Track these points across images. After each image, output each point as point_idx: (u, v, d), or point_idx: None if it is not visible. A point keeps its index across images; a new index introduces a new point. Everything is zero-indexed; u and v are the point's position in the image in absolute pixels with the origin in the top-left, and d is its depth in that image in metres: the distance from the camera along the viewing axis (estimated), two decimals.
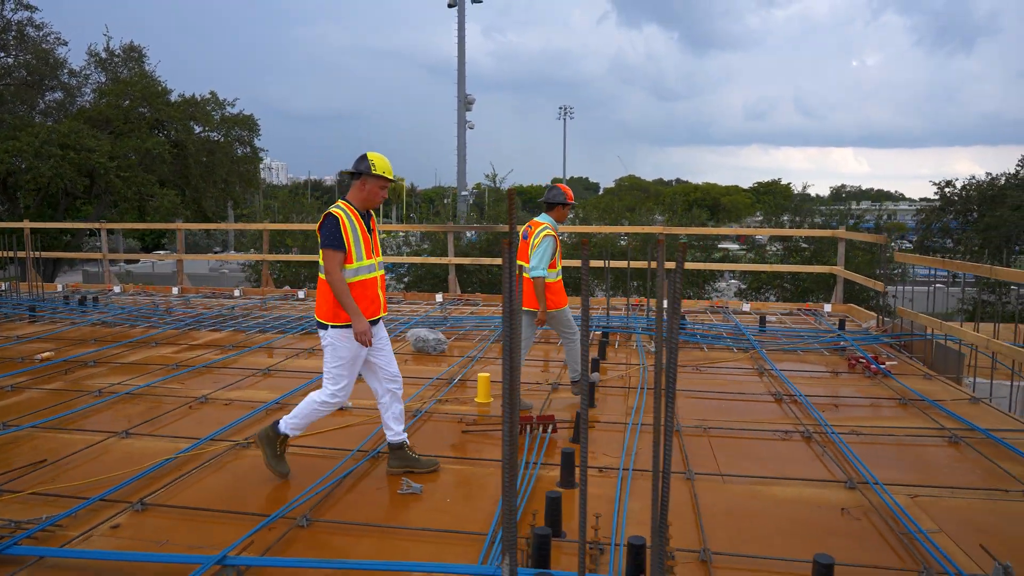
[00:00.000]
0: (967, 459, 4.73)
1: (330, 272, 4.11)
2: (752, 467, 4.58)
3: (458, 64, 39.40)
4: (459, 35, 39.33)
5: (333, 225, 4.12)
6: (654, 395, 2.44)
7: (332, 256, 4.10)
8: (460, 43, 39.27)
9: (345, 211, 4.19)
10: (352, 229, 4.16)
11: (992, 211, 22.29)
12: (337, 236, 4.10)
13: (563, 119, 78.46)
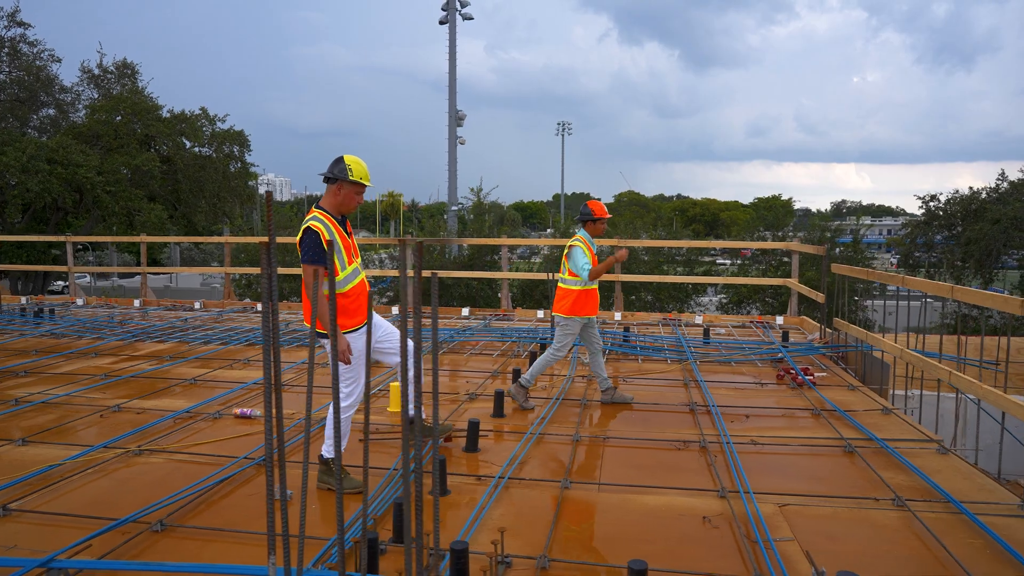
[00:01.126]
0: (853, 468, 4.70)
1: (308, 287, 4.06)
2: (635, 476, 4.57)
3: (449, 80, 39.68)
4: (450, 51, 39.65)
5: (313, 239, 4.08)
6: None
7: (307, 271, 4.10)
8: (451, 59, 39.58)
9: (323, 222, 4.14)
10: (332, 238, 4.13)
11: (973, 225, 22.26)
12: (317, 250, 4.07)
13: (561, 135, 78.90)
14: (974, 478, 4.48)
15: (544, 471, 4.66)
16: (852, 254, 23.22)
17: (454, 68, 39.81)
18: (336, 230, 4.19)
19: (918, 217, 26.72)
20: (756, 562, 3.39)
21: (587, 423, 5.80)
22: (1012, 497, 4.14)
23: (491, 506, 4.08)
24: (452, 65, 39.77)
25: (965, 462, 4.79)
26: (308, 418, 2.64)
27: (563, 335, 6.19)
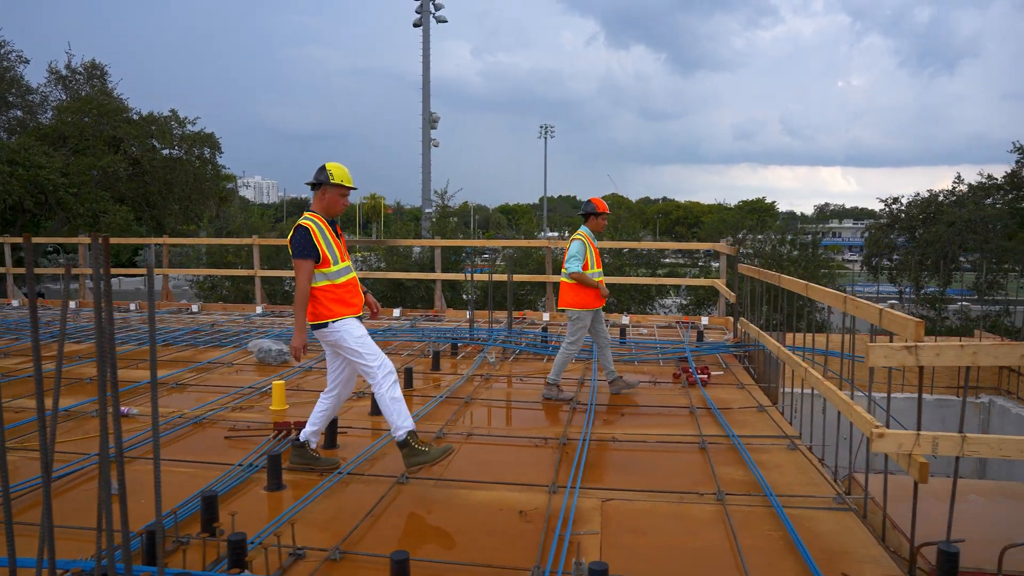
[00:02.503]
0: (696, 465, 4.76)
1: (298, 282, 4.26)
2: (477, 472, 4.61)
3: (423, 82, 39.73)
4: (424, 54, 39.71)
5: (304, 236, 4.28)
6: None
7: (302, 266, 4.26)
8: (425, 61, 39.64)
9: (315, 220, 4.36)
10: (323, 236, 4.33)
11: (931, 228, 22.45)
12: (308, 245, 4.26)
13: (544, 138, 79.08)
14: (808, 473, 4.54)
15: (389, 467, 4.69)
16: (809, 255, 23.41)
17: (428, 70, 39.87)
18: (327, 230, 4.39)
19: (882, 220, 26.91)
20: (543, 553, 3.43)
21: (461, 421, 5.84)
22: (831, 491, 4.20)
23: (315, 500, 4.12)
24: (426, 67, 39.84)
25: (807, 457, 4.85)
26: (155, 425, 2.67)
27: (575, 328, 6.48)
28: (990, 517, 4.14)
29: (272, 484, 4.31)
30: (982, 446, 3.14)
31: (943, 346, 3.13)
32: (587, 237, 6.48)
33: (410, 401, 6.50)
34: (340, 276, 4.38)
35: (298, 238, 4.27)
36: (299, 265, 4.25)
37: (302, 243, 4.26)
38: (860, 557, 3.42)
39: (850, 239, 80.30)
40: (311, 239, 4.26)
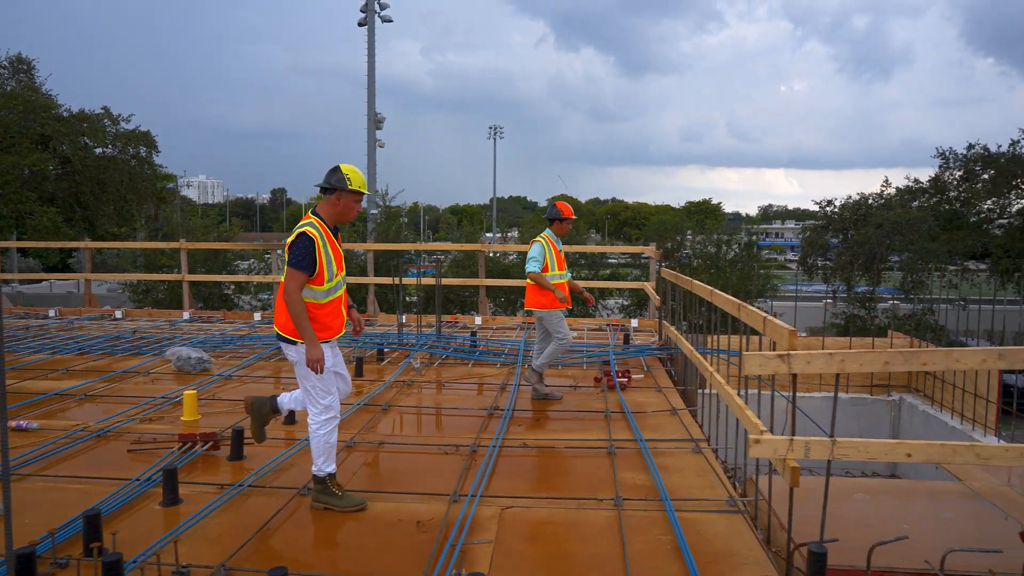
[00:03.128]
0: (601, 469, 4.83)
1: (290, 292, 3.98)
2: (382, 482, 4.60)
3: (368, 83, 39.30)
4: (369, 54, 39.29)
5: (307, 246, 3.99)
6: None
7: (297, 276, 3.98)
8: (370, 61, 39.23)
9: (319, 231, 4.06)
10: (325, 250, 4.06)
11: (861, 230, 23.22)
12: (309, 258, 3.98)
13: (493, 139, 79.19)
14: (707, 476, 4.65)
15: (294, 479, 4.64)
16: (746, 257, 23.99)
17: (373, 70, 39.48)
18: (329, 240, 4.14)
19: (816, 221, 27.72)
20: (431, 565, 3.44)
21: (375, 428, 5.80)
22: (726, 494, 4.31)
23: (211, 515, 4.04)
24: (371, 67, 39.44)
25: (709, 461, 4.96)
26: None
27: (556, 325, 6.56)
28: (872, 515, 4.30)
29: (168, 499, 4.21)
30: (851, 449, 3.26)
31: (813, 354, 3.24)
32: (549, 240, 6.62)
33: None
34: (328, 295, 4.14)
35: (301, 248, 3.98)
36: (292, 275, 3.97)
37: (303, 254, 3.97)
38: (742, 559, 3.52)
39: (792, 239, 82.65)
40: (313, 252, 3.99)
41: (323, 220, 4.15)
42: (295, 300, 3.99)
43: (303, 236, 4.01)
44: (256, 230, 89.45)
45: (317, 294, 4.10)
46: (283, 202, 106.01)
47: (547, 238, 6.66)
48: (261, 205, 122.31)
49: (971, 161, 24.45)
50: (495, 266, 22.08)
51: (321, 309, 4.13)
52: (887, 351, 3.20)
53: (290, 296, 3.99)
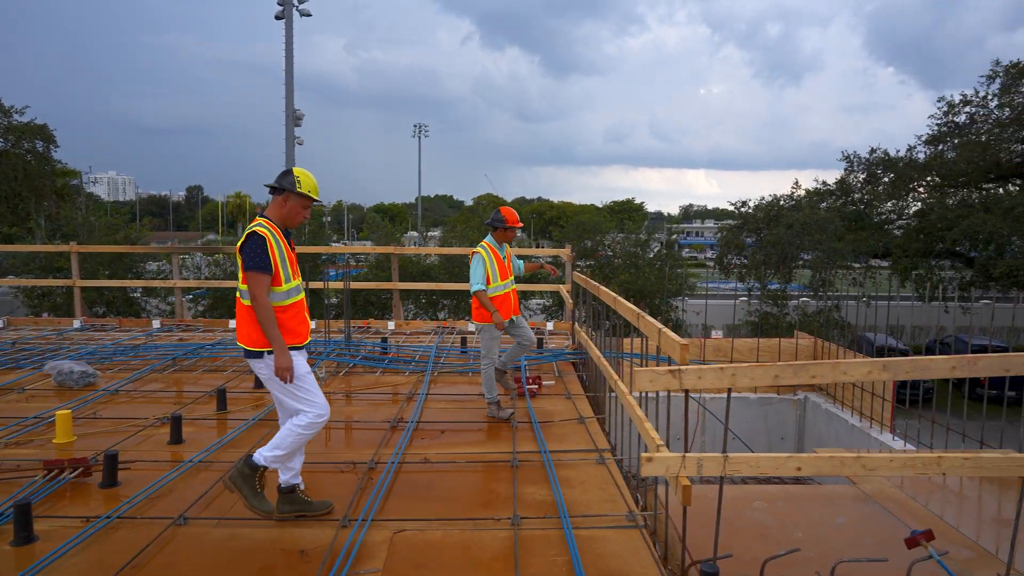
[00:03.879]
0: (502, 484, 4.67)
1: (256, 297, 3.76)
2: None
3: (286, 79, 38.14)
4: (287, 48, 38.14)
5: (259, 245, 3.80)
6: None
7: (259, 280, 3.76)
8: (288, 56, 38.09)
9: (270, 230, 3.88)
10: (279, 249, 3.88)
11: (773, 230, 23.99)
12: (264, 257, 3.79)
13: (418, 137, 78.50)
14: (609, 489, 4.57)
15: (169, 506, 4.30)
16: (664, 256, 24.46)
17: (291, 65, 38.35)
18: (282, 240, 3.95)
19: (732, 222, 28.52)
20: None
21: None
22: (625, 508, 4.23)
23: (71, 553, 3.68)
24: (289, 62, 38.30)
25: (611, 473, 4.88)
26: None
27: (485, 341, 6.17)
28: (769, 524, 4.31)
29: (20, 538, 3.81)
30: (742, 465, 3.21)
31: (704, 370, 3.17)
32: (490, 248, 6.23)
33: (222, 424, 6.10)
34: (288, 297, 3.93)
35: (252, 247, 3.80)
36: (254, 278, 3.77)
37: (257, 253, 3.79)
38: None
39: (711, 238, 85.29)
40: (266, 250, 3.82)
41: (274, 223, 3.99)
42: (263, 304, 3.78)
43: (253, 235, 3.84)
44: (170, 229, 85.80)
45: (277, 296, 3.89)
46: (199, 200, 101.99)
47: (488, 247, 6.23)
48: (176, 203, 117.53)
49: (873, 165, 25.64)
50: (415, 267, 21.73)
51: (285, 312, 3.93)
52: (777, 365, 3.16)
53: (257, 301, 3.77)
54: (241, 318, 3.94)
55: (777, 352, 9.19)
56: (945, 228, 21.71)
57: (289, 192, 3.98)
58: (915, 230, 24.10)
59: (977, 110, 24.87)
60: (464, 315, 22.11)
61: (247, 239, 3.85)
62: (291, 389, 3.94)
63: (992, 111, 24.44)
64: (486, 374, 6.22)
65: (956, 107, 25.07)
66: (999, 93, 24.11)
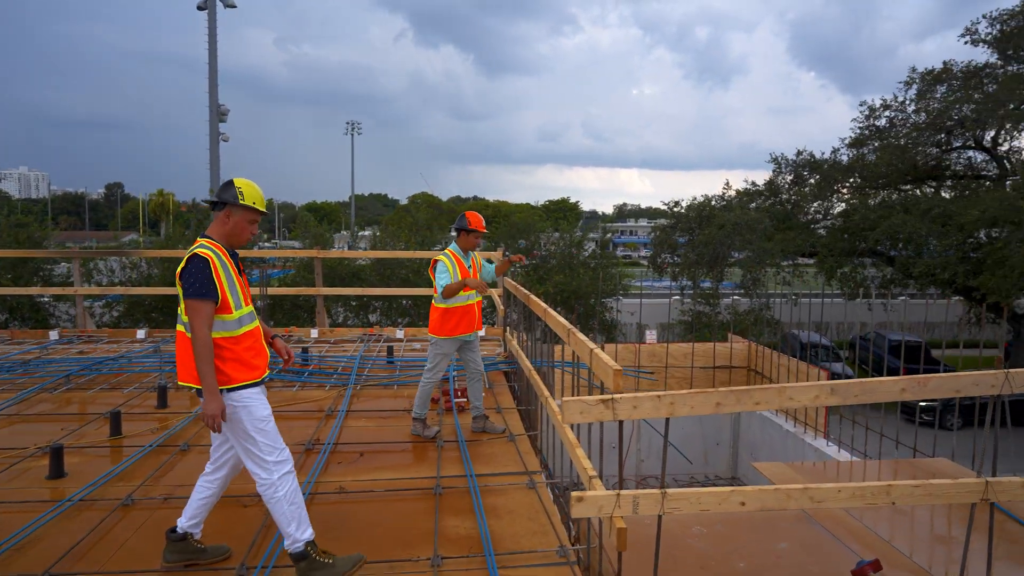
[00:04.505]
0: (423, 517, 4.27)
1: (197, 329, 3.25)
2: (151, 552, 3.78)
3: (209, 72, 36.67)
4: (210, 40, 36.65)
5: (201, 269, 3.30)
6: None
7: (200, 308, 3.26)
8: (211, 48, 36.61)
9: (214, 251, 3.40)
10: (225, 271, 3.39)
11: (705, 230, 24.25)
12: (208, 283, 3.30)
13: (351, 134, 77.10)
14: (539, 519, 4.22)
15: (37, 559, 3.72)
16: (599, 256, 24.43)
17: (215, 59, 36.87)
18: (229, 264, 3.46)
19: (665, 221, 28.76)
20: None
21: (165, 477, 4.92)
22: (556, 541, 3.89)
23: None
24: (212, 55, 36.81)
25: (542, 499, 4.54)
26: None
27: (432, 355, 5.75)
28: (710, 552, 4.04)
29: None
30: (682, 502, 2.90)
31: (640, 397, 2.85)
32: (454, 256, 5.78)
33: (116, 452, 5.49)
34: (241, 326, 3.44)
35: (193, 271, 3.30)
36: (195, 308, 3.26)
37: (199, 279, 3.29)
38: None
39: (645, 237, 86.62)
40: (210, 274, 3.32)
41: (218, 242, 3.50)
42: (202, 338, 3.26)
43: (195, 258, 3.35)
44: (86, 228, 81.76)
45: (228, 324, 3.39)
46: (119, 198, 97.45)
47: (452, 255, 5.80)
48: (94, 201, 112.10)
49: (799, 166, 26.23)
50: (345, 269, 21.00)
51: (239, 344, 3.44)
52: (719, 392, 2.86)
53: (195, 333, 3.27)
54: (187, 353, 3.39)
55: (712, 356, 9.06)
56: (867, 228, 22.31)
57: (231, 206, 3.50)
58: (839, 230, 24.74)
59: (896, 114, 25.72)
60: (397, 317, 21.52)
61: (188, 263, 3.35)
62: (253, 433, 3.42)
63: (910, 116, 25.32)
64: (424, 389, 5.76)
65: (876, 111, 25.87)
66: (916, 98, 25.01)
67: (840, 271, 24.53)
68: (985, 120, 22.49)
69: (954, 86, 23.90)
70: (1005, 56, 23.16)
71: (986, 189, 23.46)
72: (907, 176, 24.71)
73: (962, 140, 24.89)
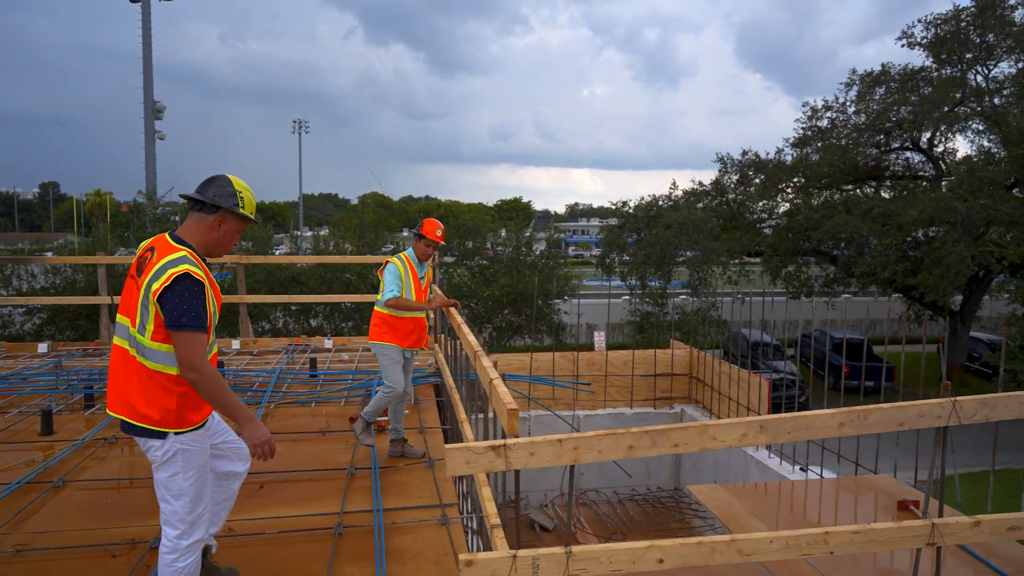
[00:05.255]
0: (317, 564, 3.78)
1: (198, 367, 2.72)
2: None
3: (144, 67, 35.24)
4: (143, 32, 35.23)
5: (196, 294, 2.73)
6: None
7: (195, 341, 2.72)
8: (145, 42, 35.19)
9: (200, 269, 2.80)
10: (212, 296, 2.86)
11: (652, 230, 24.14)
12: (204, 311, 2.75)
13: (298, 133, 75.60)
14: (446, 563, 3.77)
15: None
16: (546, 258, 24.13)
17: (149, 53, 35.43)
18: (212, 283, 2.90)
19: (612, 222, 28.62)
20: None
21: (30, 520, 4.31)
22: None
23: None
24: (147, 49, 35.37)
25: (452, 539, 4.08)
26: None
27: (384, 366, 5.18)
28: None
29: None
30: (591, 562, 2.48)
31: (538, 443, 2.42)
32: (408, 263, 5.24)
33: None
34: (209, 351, 2.95)
35: (187, 297, 2.71)
36: (191, 340, 2.71)
37: (194, 306, 2.72)
38: None
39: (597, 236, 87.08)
40: (204, 300, 2.77)
41: (197, 252, 2.91)
42: (209, 375, 2.74)
43: (187, 279, 2.74)
44: (16, 230, 78.26)
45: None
46: (53, 198, 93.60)
47: (407, 260, 5.26)
48: (27, 201, 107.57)
49: (745, 166, 26.37)
50: (284, 273, 20.18)
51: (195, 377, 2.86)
52: (632, 433, 2.46)
53: (200, 371, 2.73)
54: (130, 380, 2.83)
55: (653, 364, 8.74)
56: (811, 228, 22.49)
57: (227, 212, 2.95)
58: (784, 229, 24.94)
59: (837, 115, 26.05)
60: (341, 322, 20.82)
61: (177, 283, 2.73)
62: (183, 483, 2.88)
63: (850, 117, 25.67)
64: (382, 398, 5.16)
65: (819, 112, 26.16)
66: (856, 100, 25.35)
67: (785, 270, 24.72)
68: (921, 122, 22.90)
69: (892, 88, 24.28)
70: (939, 59, 23.63)
71: (923, 189, 23.91)
72: (848, 176, 25.03)
73: (900, 141, 25.34)
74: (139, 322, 2.78)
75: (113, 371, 2.90)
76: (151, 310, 2.75)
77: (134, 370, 2.82)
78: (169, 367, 2.81)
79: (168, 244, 2.86)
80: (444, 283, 25.17)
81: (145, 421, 2.82)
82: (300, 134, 75.42)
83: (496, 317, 23.54)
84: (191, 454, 2.90)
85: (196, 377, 2.75)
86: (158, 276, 2.73)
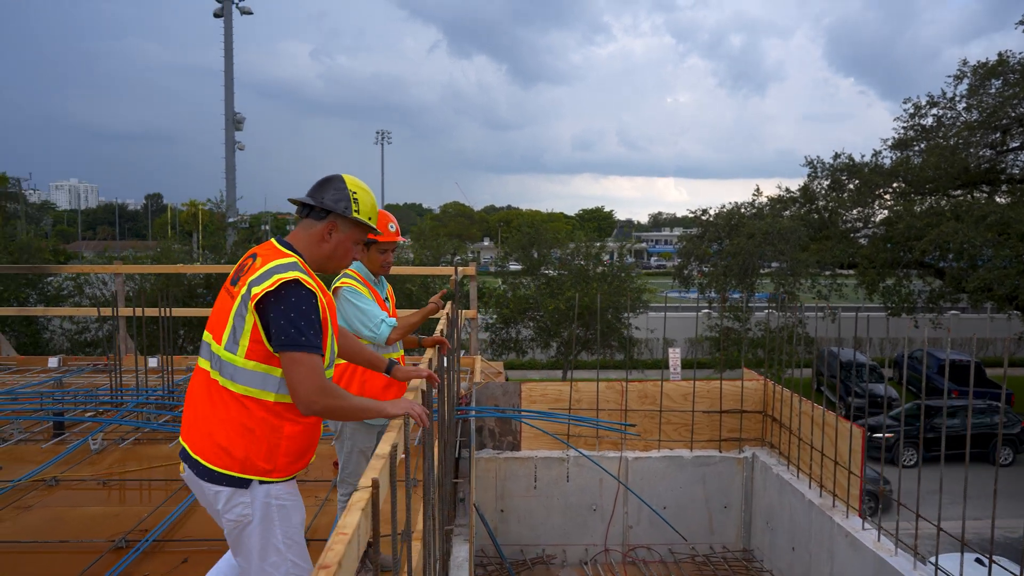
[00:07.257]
0: None
1: (316, 399, 2.20)
2: None
3: (225, 80, 36.11)
4: (226, 47, 36.12)
5: (313, 307, 2.23)
6: None
7: (312, 365, 2.19)
8: (228, 56, 36.04)
9: (312, 280, 2.30)
10: (327, 311, 2.37)
11: (734, 239, 22.39)
12: (320, 329, 2.26)
13: (381, 144, 76.94)
14: None
15: None
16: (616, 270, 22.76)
17: (231, 66, 36.30)
18: (327, 297, 2.39)
19: (693, 231, 26.96)
20: None
21: None
22: None
23: None
24: (229, 63, 36.23)
25: None
26: None
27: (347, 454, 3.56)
28: None
29: None
30: None
31: None
32: (362, 279, 3.64)
33: None
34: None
35: (303, 310, 2.20)
36: (304, 363, 2.17)
37: (310, 322, 2.21)
38: None
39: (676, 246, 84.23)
40: (319, 316, 2.27)
41: (311, 268, 2.40)
42: (337, 396, 2.26)
43: (298, 287, 2.22)
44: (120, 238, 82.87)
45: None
46: (154, 208, 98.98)
47: (359, 277, 3.64)
48: (134, 211, 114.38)
49: (837, 170, 24.17)
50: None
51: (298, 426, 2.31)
52: None
53: (321, 402, 2.21)
54: (215, 415, 2.24)
55: (719, 398, 7.34)
56: (913, 238, 20.20)
57: (337, 217, 2.45)
58: (882, 239, 22.63)
59: (944, 112, 23.49)
60: None
61: (286, 291, 2.19)
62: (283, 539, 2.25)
63: (960, 113, 23.07)
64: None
65: (922, 109, 23.66)
66: (967, 94, 22.74)
67: (883, 284, 22.39)
68: None
69: (1010, 80, 21.55)
70: None
71: None
72: (957, 180, 22.44)
73: (1020, 140, 22.53)
74: (228, 336, 2.23)
75: (197, 405, 2.31)
76: (248, 321, 2.21)
77: (225, 404, 2.23)
78: (265, 392, 2.23)
79: (275, 249, 2.34)
80: (509, 295, 24.24)
81: (227, 464, 2.19)
82: (383, 144, 76.66)
83: (564, 330, 22.36)
84: (290, 510, 2.28)
85: (321, 409, 2.23)
86: (260, 281, 2.19)
